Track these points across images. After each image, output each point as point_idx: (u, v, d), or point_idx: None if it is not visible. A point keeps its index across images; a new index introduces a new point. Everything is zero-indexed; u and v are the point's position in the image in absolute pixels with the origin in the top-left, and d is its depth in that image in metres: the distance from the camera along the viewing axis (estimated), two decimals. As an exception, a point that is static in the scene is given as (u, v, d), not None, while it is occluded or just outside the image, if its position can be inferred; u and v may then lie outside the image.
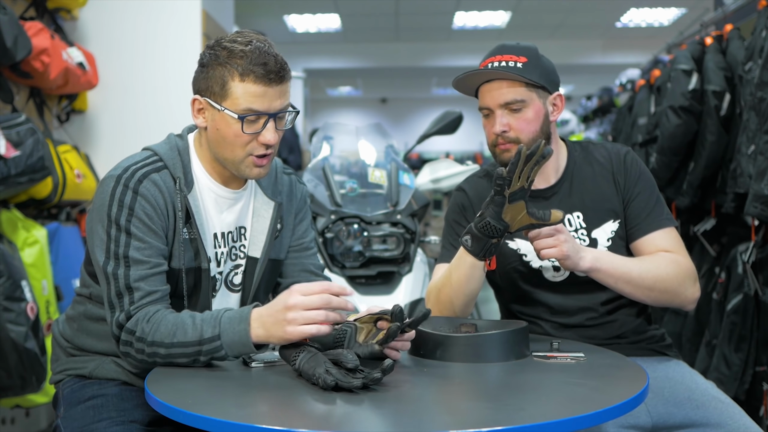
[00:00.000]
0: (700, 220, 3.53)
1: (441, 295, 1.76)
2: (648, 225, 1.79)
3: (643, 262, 1.75)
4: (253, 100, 1.50)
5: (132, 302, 1.47)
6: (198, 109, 1.57)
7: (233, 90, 1.50)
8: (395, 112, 15.87)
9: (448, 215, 1.94)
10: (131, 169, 1.53)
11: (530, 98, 1.76)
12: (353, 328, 1.43)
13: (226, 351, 1.41)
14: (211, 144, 1.58)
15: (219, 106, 1.52)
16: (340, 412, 1.20)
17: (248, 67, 1.49)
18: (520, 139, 1.76)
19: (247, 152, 1.55)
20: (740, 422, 1.62)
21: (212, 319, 1.43)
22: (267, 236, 1.68)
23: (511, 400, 1.28)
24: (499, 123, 1.76)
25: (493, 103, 1.77)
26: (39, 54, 2.91)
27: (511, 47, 1.78)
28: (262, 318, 1.40)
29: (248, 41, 1.51)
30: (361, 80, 13.86)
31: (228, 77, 1.50)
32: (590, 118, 7.72)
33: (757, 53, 2.78)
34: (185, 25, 3.72)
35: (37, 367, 2.55)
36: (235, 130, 1.52)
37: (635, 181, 1.83)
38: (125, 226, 1.48)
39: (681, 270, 1.74)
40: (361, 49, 10.79)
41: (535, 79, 1.75)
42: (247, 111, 1.50)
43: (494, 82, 1.76)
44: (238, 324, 1.40)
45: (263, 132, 1.53)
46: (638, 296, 1.74)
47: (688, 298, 1.77)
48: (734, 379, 2.85)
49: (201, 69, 1.56)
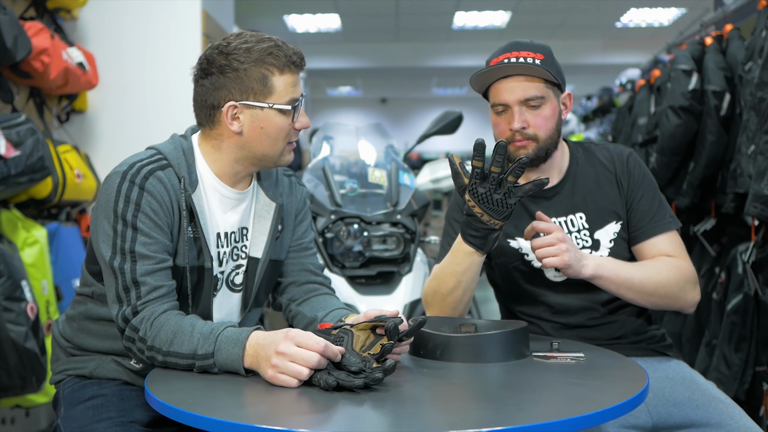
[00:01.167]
0: (700, 220, 3.53)
1: (449, 298, 1.76)
2: (651, 229, 1.80)
3: (644, 267, 1.74)
4: (293, 89, 1.57)
5: (139, 296, 1.47)
6: (233, 116, 1.56)
7: (276, 84, 1.55)
8: (395, 112, 15.87)
9: (449, 214, 1.93)
10: (137, 165, 1.53)
11: (548, 95, 1.76)
12: (350, 334, 1.41)
13: (219, 369, 1.40)
14: (250, 145, 1.58)
15: (265, 104, 1.55)
16: (340, 412, 1.20)
17: (284, 59, 1.54)
18: (538, 135, 1.75)
19: (287, 141, 1.60)
20: (740, 422, 1.62)
21: (210, 334, 1.40)
22: (268, 237, 1.68)
23: (511, 400, 1.28)
24: (519, 119, 1.74)
25: (511, 99, 1.75)
26: (39, 54, 2.91)
27: (526, 44, 1.78)
28: (256, 348, 1.36)
29: (264, 37, 1.56)
30: (361, 80, 13.87)
31: (268, 74, 1.54)
32: (590, 118, 7.72)
33: (757, 53, 2.78)
34: (185, 25, 3.72)
35: (37, 367, 2.55)
36: (282, 122, 1.56)
37: (639, 184, 1.83)
38: (132, 221, 1.49)
39: (682, 275, 1.75)
40: (361, 49, 10.79)
41: (554, 75, 1.74)
42: (292, 101, 1.57)
43: (512, 78, 1.75)
44: (233, 347, 1.38)
45: (299, 117, 1.59)
46: (639, 301, 1.74)
47: (688, 302, 1.77)
48: (734, 379, 2.85)
49: (225, 76, 1.53)
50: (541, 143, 1.76)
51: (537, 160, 1.78)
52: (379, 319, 1.41)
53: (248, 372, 1.38)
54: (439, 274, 1.77)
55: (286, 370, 1.30)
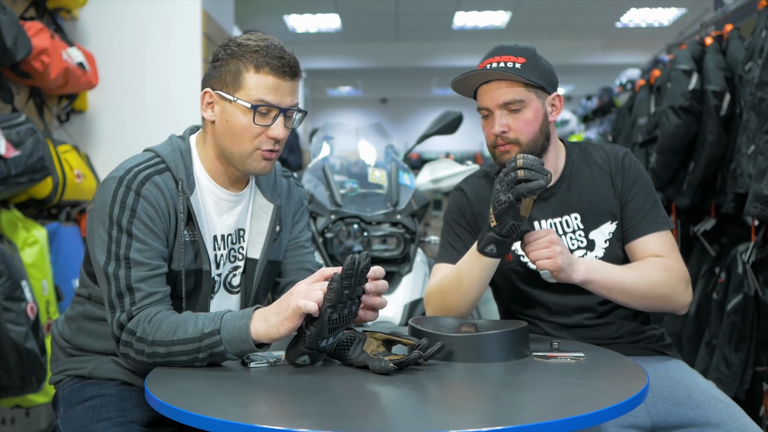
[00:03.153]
0: (700, 220, 3.53)
1: (448, 299, 1.76)
2: (643, 227, 1.79)
3: (635, 270, 1.74)
4: (266, 92, 1.53)
5: (133, 302, 1.47)
6: (207, 103, 1.59)
7: (247, 81, 1.53)
8: (395, 112, 15.87)
9: (447, 215, 1.94)
10: (133, 170, 1.53)
11: (529, 98, 1.76)
12: (363, 337, 1.44)
13: (225, 347, 1.40)
14: (218, 138, 1.59)
15: (231, 97, 1.54)
16: (340, 412, 1.20)
17: (264, 59, 1.52)
18: (520, 139, 1.76)
19: (255, 146, 1.56)
20: (740, 422, 1.62)
21: (214, 316, 1.44)
22: (266, 238, 1.68)
23: (511, 399, 1.28)
24: (498, 123, 1.76)
25: (491, 104, 1.77)
26: (39, 54, 2.91)
27: (509, 48, 1.78)
28: (263, 312, 1.41)
29: (264, 38, 1.56)
30: (361, 80, 13.87)
31: (243, 69, 1.53)
32: (590, 118, 7.73)
33: (757, 53, 2.78)
34: (185, 25, 3.72)
35: (37, 367, 2.55)
36: (246, 121, 1.54)
37: (632, 182, 1.83)
38: (127, 227, 1.49)
39: (672, 276, 1.74)
40: (361, 49, 10.79)
41: (534, 79, 1.74)
42: (259, 102, 1.53)
43: (493, 83, 1.76)
44: (239, 320, 1.41)
45: (273, 126, 1.55)
46: (631, 304, 1.74)
47: (680, 303, 1.77)
48: (734, 379, 2.85)
49: (213, 64, 1.58)
50: (523, 146, 1.76)
51: None
52: (393, 334, 1.47)
53: (247, 362, 1.41)
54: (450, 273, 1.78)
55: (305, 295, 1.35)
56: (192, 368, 1.43)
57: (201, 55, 3.72)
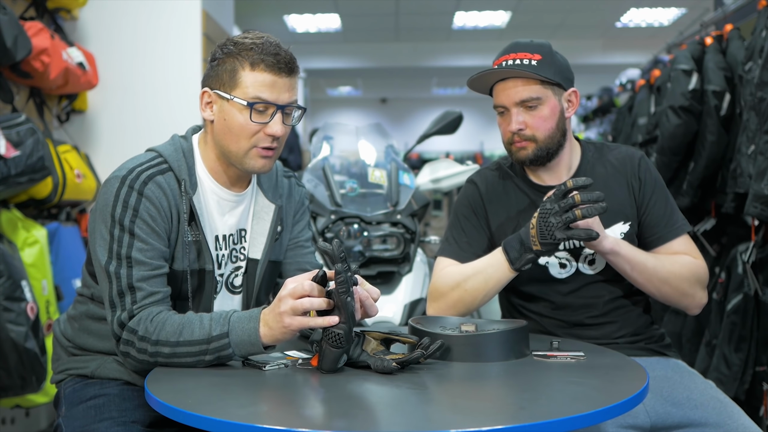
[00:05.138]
0: (700, 220, 3.53)
1: (467, 296, 1.78)
2: (667, 233, 1.82)
3: (659, 257, 1.78)
4: (262, 89, 1.53)
5: (134, 301, 1.47)
6: (206, 103, 1.59)
7: (243, 79, 1.53)
8: (395, 112, 15.86)
9: (457, 207, 1.93)
10: (136, 170, 1.53)
11: (545, 95, 1.76)
12: (362, 336, 1.44)
13: (234, 350, 1.41)
14: (217, 137, 1.59)
15: (228, 95, 1.54)
16: (340, 412, 1.20)
17: (259, 56, 1.52)
18: (536, 136, 1.77)
19: (253, 144, 1.56)
20: (739, 422, 1.62)
21: (221, 318, 1.43)
22: (267, 238, 1.68)
23: (511, 399, 1.28)
24: (515, 121, 1.76)
25: (508, 101, 1.77)
26: (39, 54, 2.91)
27: (525, 45, 1.78)
28: (265, 316, 1.41)
29: (260, 36, 1.56)
30: (361, 80, 13.86)
31: (239, 67, 1.53)
32: (590, 118, 7.71)
33: (757, 53, 2.78)
34: (185, 25, 3.73)
35: (37, 367, 2.55)
36: (243, 119, 1.54)
37: (652, 188, 1.84)
38: (129, 227, 1.49)
39: (695, 272, 1.78)
40: (361, 49, 10.79)
41: (550, 76, 1.75)
42: (256, 99, 1.53)
43: (509, 81, 1.77)
44: (248, 322, 1.41)
45: (270, 123, 1.55)
46: (650, 288, 1.76)
47: (695, 302, 1.79)
48: (734, 379, 2.86)
49: (211, 64, 1.59)
50: (540, 143, 1.77)
51: (539, 160, 1.80)
52: (392, 333, 1.47)
53: (262, 365, 1.42)
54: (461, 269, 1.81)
55: (297, 316, 1.37)
56: (192, 368, 1.43)
57: (201, 55, 3.72)
